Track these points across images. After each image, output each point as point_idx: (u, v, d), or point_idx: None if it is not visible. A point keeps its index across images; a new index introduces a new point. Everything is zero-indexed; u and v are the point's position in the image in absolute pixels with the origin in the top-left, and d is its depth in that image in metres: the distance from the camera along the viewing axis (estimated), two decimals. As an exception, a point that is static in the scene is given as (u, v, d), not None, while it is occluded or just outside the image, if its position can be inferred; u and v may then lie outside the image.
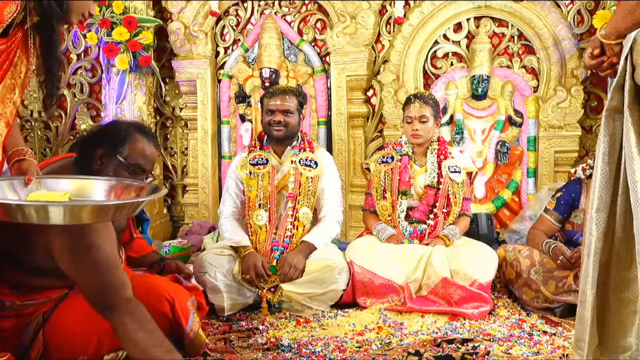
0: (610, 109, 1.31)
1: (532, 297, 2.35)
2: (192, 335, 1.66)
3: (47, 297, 1.60)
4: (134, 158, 1.65)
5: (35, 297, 1.57)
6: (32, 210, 1.15)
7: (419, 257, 2.42)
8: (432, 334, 2.08)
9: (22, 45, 1.36)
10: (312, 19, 3.76)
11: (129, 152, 1.65)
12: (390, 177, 2.65)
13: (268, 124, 2.60)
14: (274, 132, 2.59)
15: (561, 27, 3.22)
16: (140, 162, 1.67)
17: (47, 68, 1.40)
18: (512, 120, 3.38)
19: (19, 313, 1.56)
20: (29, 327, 1.56)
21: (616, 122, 1.30)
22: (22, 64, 1.37)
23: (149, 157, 1.70)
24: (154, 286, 1.66)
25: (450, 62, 3.51)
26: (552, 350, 1.89)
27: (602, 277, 1.29)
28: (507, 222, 3.31)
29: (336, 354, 1.88)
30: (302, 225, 2.54)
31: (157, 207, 3.87)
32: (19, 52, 1.35)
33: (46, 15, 1.34)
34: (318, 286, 2.36)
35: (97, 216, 1.23)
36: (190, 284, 2.02)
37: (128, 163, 1.64)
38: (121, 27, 3.54)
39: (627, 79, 1.25)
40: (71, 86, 4.04)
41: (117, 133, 1.66)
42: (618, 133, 1.29)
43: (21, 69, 1.37)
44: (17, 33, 1.34)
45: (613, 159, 1.31)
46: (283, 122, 2.56)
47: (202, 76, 3.82)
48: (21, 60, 1.36)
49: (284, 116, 2.56)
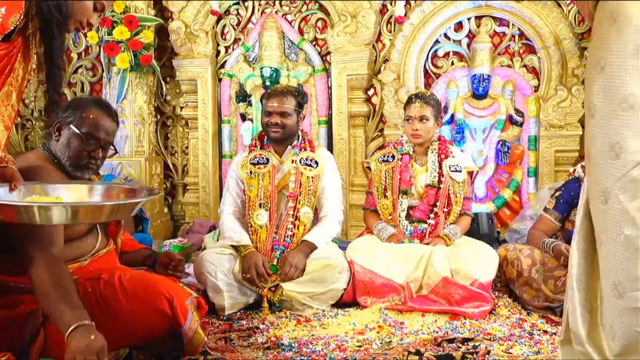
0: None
1: (533, 296, 2.35)
2: (190, 334, 1.66)
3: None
4: (85, 127, 1.72)
5: (27, 281, 1.57)
6: (40, 211, 1.26)
7: (420, 257, 2.42)
8: (433, 333, 2.07)
9: (24, 50, 1.36)
10: (312, 18, 3.75)
11: (80, 121, 1.72)
12: (391, 176, 2.65)
13: (266, 125, 2.60)
14: (271, 134, 2.60)
15: (562, 27, 3.22)
16: (92, 131, 1.73)
17: (48, 75, 1.40)
18: (512, 119, 3.38)
19: (12, 301, 1.56)
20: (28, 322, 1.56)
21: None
22: (21, 67, 1.37)
23: (102, 127, 1.75)
24: (153, 284, 1.66)
25: (451, 62, 3.51)
26: (552, 349, 1.89)
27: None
28: (508, 221, 3.31)
29: (336, 353, 1.88)
30: (303, 225, 2.54)
31: (158, 206, 3.87)
32: (20, 57, 1.35)
33: (47, 20, 1.34)
34: (318, 285, 2.36)
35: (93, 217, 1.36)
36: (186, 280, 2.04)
37: (80, 132, 1.71)
38: (122, 26, 3.54)
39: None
40: (72, 85, 4.04)
41: (72, 104, 1.75)
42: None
43: (19, 72, 1.37)
44: (19, 38, 1.34)
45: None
46: (280, 123, 2.56)
47: (203, 75, 3.82)
48: (20, 64, 1.36)
49: (281, 118, 2.56)
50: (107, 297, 1.61)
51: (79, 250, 1.70)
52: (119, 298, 1.60)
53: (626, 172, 1.05)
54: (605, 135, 1.08)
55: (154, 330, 1.64)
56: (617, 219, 1.07)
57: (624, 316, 1.07)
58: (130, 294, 1.61)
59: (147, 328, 1.62)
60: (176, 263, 2.02)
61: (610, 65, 1.08)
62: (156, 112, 3.99)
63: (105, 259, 1.77)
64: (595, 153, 1.12)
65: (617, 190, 1.06)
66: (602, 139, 1.09)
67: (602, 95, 1.09)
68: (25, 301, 1.57)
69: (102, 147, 1.77)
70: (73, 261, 1.66)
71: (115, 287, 1.62)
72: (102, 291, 1.62)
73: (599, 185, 1.11)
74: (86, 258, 1.71)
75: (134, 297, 1.60)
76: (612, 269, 1.09)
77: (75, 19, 1.39)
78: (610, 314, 1.11)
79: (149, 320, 1.61)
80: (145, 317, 1.60)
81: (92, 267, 1.70)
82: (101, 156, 1.78)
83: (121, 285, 1.62)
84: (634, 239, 1.05)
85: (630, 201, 1.04)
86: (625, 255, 1.06)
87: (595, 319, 1.19)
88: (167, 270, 1.98)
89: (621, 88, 1.05)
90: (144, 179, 3.73)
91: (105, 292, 1.61)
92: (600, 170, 1.10)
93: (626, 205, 1.05)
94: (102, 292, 1.62)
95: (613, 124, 1.07)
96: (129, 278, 1.65)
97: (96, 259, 1.73)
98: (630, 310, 1.06)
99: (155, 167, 3.89)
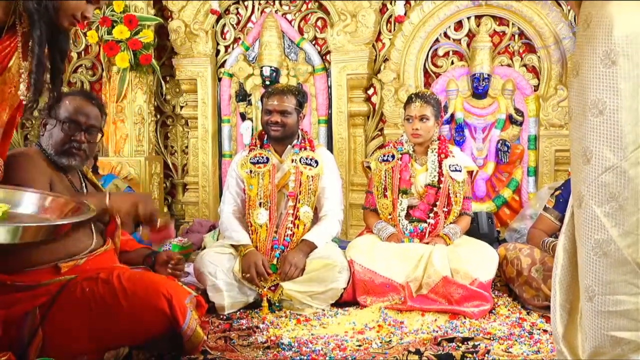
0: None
1: (533, 295, 2.35)
2: (189, 333, 1.66)
3: (35, 281, 1.59)
4: (64, 113, 1.76)
5: (23, 279, 1.58)
6: None
7: (420, 256, 2.42)
8: (433, 332, 2.07)
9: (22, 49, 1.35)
10: (312, 18, 3.75)
11: (62, 109, 1.77)
12: (391, 176, 2.65)
13: (266, 123, 2.60)
14: (271, 132, 2.60)
15: (562, 26, 3.21)
16: (71, 115, 1.77)
17: (31, 72, 1.36)
18: (512, 119, 3.38)
19: (10, 299, 1.56)
20: (26, 322, 1.56)
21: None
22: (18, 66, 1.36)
23: (81, 110, 1.79)
24: (152, 282, 1.66)
25: (451, 61, 3.51)
26: (552, 348, 1.88)
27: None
28: (508, 221, 3.31)
29: (336, 352, 1.88)
30: (303, 224, 2.54)
31: (157, 206, 3.87)
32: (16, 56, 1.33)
33: (34, 18, 1.31)
34: (318, 285, 2.36)
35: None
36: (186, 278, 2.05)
37: (62, 119, 1.75)
38: (122, 26, 3.54)
39: None
40: (72, 84, 4.04)
41: (57, 99, 1.75)
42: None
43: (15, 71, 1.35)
44: (12, 37, 1.32)
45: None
46: (280, 122, 2.56)
47: (203, 74, 3.82)
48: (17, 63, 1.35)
49: (281, 116, 2.56)
50: (106, 296, 1.60)
51: (72, 248, 1.68)
52: (118, 297, 1.60)
53: (596, 177, 1.05)
54: (578, 139, 1.10)
55: (153, 329, 1.64)
56: (588, 223, 1.08)
57: (595, 319, 1.09)
58: (130, 293, 1.61)
59: (147, 327, 1.62)
60: (176, 261, 2.02)
61: (582, 70, 1.09)
62: (156, 112, 3.99)
63: (103, 258, 1.76)
64: (572, 157, 1.13)
65: (588, 195, 1.07)
66: (576, 143, 1.11)
67: (576, 100, 1.11)
68: (23, 300, 1.57)
69: (86, 131, 1.80)
70: (68, 259, 1.65)
71: (114, 286, 1.61)
72: (100, 291, 1.61)
73: (575, 188, 1.13)
74: (82, 257, 1.69)
75: (134, 296, 1.60)
76: (584, 272, 1.11)
77: (66, 13, 1.36)
78: (584, 316, 1.13)
79: (148, 319, 1.60)
80: (145, 315, 1.60)
81: (88, 266, 1.69)
82: (85, 140, 1.80)
83: (120, 284, 1.62)
84: (602, 244, 1.06)
85: (599, 206, 1.06)
86: (594, 260, 1.08)
87: (574, 320, 1.21)
88: (166, 269, 1.99)
89: (591, 93, 1.06)
90: (143, 179, 3.74)
91: (104, 292, 1.61)
92: (575, 174, 1.12)
93: (596, 210, 1.06)
94: (101, 292, 1.61)
95: (584, 129, 1.08)
96: (128, 277, 1.65)
97: (93, 258, 1.72)
98: (600, 313, 1.08)
99: (155, 166, 3.89)
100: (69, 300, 1.60)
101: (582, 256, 1.11)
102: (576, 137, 1.11)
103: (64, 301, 1.60)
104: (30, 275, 1.59)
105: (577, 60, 1.11)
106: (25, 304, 1.57)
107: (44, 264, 1.61)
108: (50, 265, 1.62)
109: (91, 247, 1.74)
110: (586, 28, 1.08)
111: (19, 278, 1.57)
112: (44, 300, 1.60)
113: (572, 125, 1.13)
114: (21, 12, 1.32)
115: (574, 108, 1.11)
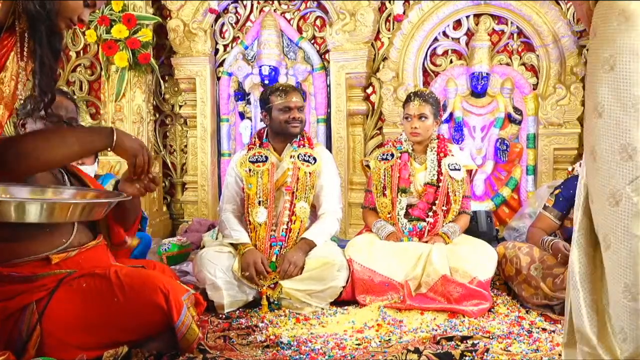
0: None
1: (532, 294, 2.35)
2: (184, 329, 1.65)
3: (31, 272, 1.59)
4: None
5: (20, 270, 1.57)
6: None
7: (419, 255, 2.42)
8: (432, 331, 2.07)
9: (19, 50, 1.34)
10: (311, 17, 3.75)
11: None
12: (390, 175, 2.65)
13: (285, 121, 2.57)
14: (291, 129, 2.58)
15: (561, 25, 3.21)
16: (55, 110, 1.80)
17: (34, 73, 1.38)
18: (511, 117, 3.38)
19: (7, 291, 1.56)
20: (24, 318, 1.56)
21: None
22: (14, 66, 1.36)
23: (62, 105, 1.86)
24: (150, 278, 1.66)
25: (450, 60, 3.51)
26: (551, 347, 1.89)
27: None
28: (507, 219, 3.31)
29: (335, 351, 1.88)
30: (299, 220, 2.54)
31: (157, 205, 3.87)
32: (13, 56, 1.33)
33: (33, 19, 1.31)
34: (317, 283, 2.37)
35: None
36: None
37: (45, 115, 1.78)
38: (120, 25, 3.54)
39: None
40: (70, 84, 4.03)
41: (51, 100, 1.81)
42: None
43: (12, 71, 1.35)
44: (10, 38, 1.32)
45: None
46: (298, 118, 2.58)
47: (202, 74, 3.81)
48: (13, 63, 1.35)
49: (299, 113, 2.59)
50: (104, 291, 1.61)
51: (57, 241, 1.66)
52: (116, 292, 1.60)
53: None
54: (615, 135, 1.07)
55: (150, 325, 1.64)
56: (630, 221, 1.05)
57: (637, 319, 1.06)
58: (127, 287, 1.61)
59: (144, 322, 1.62)
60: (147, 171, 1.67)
61: (621, 64, 1.06)
62: (155, 111, 3.99)
63: (95, 252, 1.75)
64: (603, 153, 1.10)
65: (631, 192, 1.04)
66: (611, 140, 1.07)
67: (612, 95, 1.07)
68: (20, 291, 1.57)
69: (66, 123, 1.86)
70: (59, 252, 1.64)
71: (111, 282, 1.62)
72: (98, 287, 1.61)
73: (607, 186, 1.09)
74: (73, 249, 1.68)
75: (131, 291, 1.61)
76: (623, 272, 1.07)
77: (64, 15, 1.36)
78: (621, 316, 1.10)
79: (145, 315, 1.61)
80: (142, 311, 1.60)
81: (81, 260, 1.69)
82: None
83: (118, 279, 1.62)
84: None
85: None
86: (637, 258, 1.05)
87: (602, 319, 1.18)
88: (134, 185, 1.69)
89: (634, 88, 1.04)
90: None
91: (102, 287, 1.61)
92: (609, 171, 1.08)
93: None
94: (98, 288, 1.61)
95: (624, 125, 1.05)
96: (126, 273, 1.66)
97: (85, 251, 1.71)
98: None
99: (154, 165, 3.89)
100: (67, 295, 1.60)
101: (620, 255, 1.08)
102: (609, 134, 1.08)
103: (62, 296, 1.60)
104: (23, 267, 1.59)
105: (610, 54, 1.08)
106: (23, 298, 1.57)
107: (32, 256, 1.61)
108: (39, 257, 1.61)
109: (78, 240, 1.72)
110: (623, 22, 1.06)
111: (16, 270, 1.57)
112: (42, 295, 1.59)
113: (601, 121, 1.09)
114: (20, 13, 1.32)
115: (607, 104, 1.09)
